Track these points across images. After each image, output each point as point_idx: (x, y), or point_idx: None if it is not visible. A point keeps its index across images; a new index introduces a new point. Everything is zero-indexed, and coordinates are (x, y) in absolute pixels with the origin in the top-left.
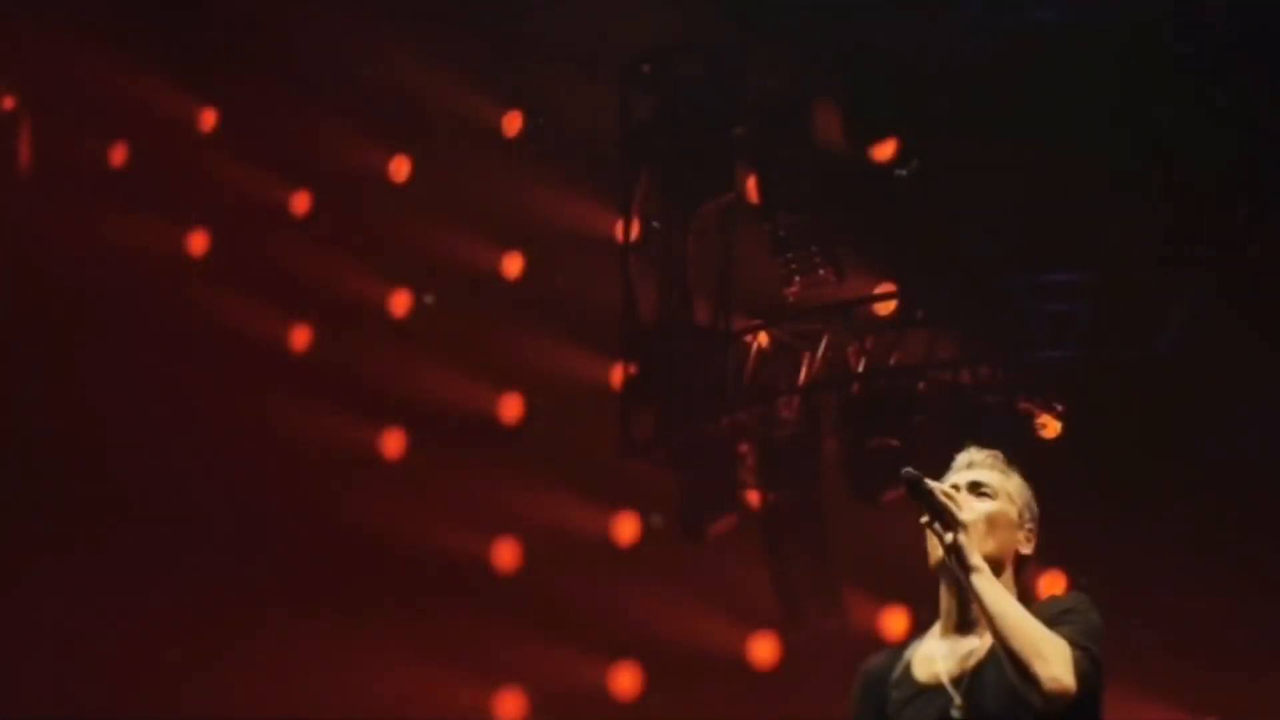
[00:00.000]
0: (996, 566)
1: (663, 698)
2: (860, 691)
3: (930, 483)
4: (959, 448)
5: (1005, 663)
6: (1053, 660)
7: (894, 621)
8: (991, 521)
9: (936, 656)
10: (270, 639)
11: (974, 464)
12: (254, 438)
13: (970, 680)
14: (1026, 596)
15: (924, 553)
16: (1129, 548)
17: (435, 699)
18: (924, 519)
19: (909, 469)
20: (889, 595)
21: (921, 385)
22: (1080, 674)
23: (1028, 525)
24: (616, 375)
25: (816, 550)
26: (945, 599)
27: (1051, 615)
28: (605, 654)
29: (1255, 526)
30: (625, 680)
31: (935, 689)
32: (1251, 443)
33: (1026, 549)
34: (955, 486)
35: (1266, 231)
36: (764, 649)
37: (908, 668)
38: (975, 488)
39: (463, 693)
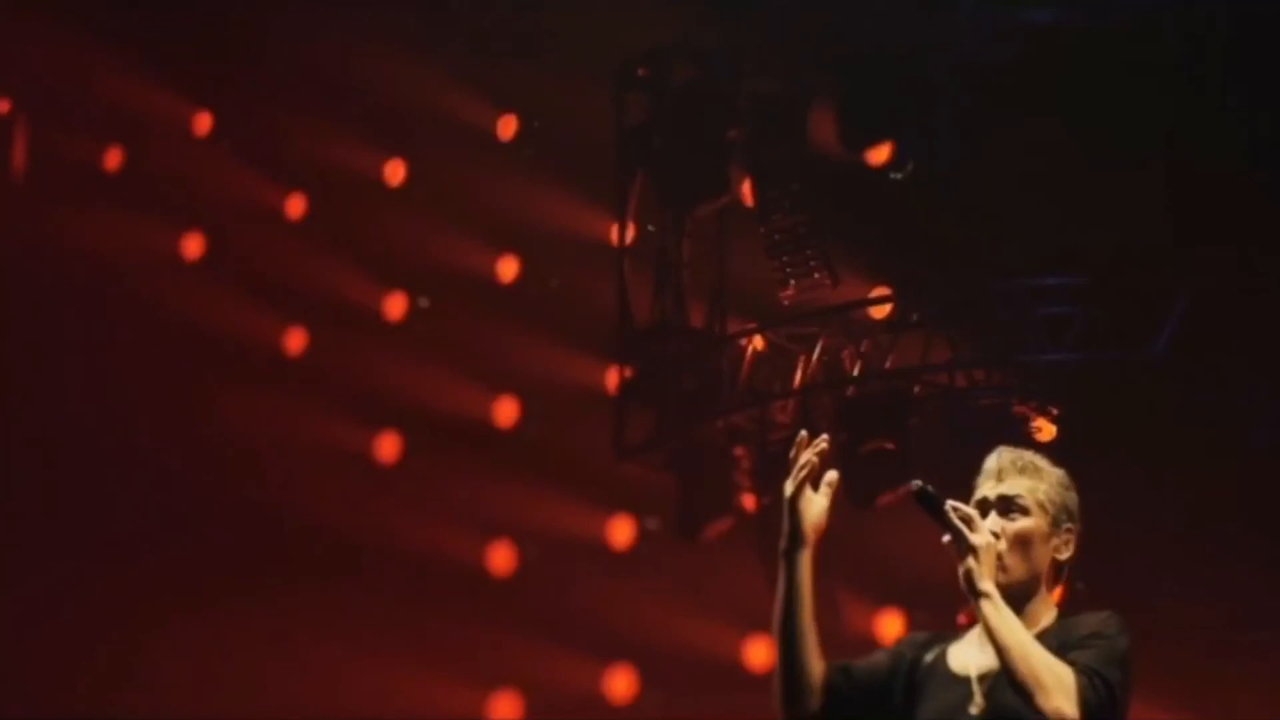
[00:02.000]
0: (1033, 581)
1: (658, 701)
2: (897, 644)
3: (951, 506)
4: (955, 451)
5: (1011, 691)
6: (1054, 692)
7: (889, 625)
8: (1021, 541)
9: (971, 651)
10: (266, 642)
11: (1003, 471)
12: (249, 441)
13: (994, 680)
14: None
15: (921, 556)
16: (1126, 552)
17: (430, 702)
18: (945, 539)
19: (919, 482)
20: (883, 598)
21: (917, 388)
22: (1084, 702)
23: (1065, 528)
24: (612, 378)
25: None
26: None
27: (1077, 638)
28: (600, 657)
29: (1256, 529)
30: (620, 683)
31: (962, 681)
32: (1251, 445)
33: (1065, 554)
34: (985, 500)
35: (1265, 233)
36: (759, 652)
37: (944, 654)
38: (1005, 505)
39: (458, 696)
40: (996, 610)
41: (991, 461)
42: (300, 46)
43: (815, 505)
